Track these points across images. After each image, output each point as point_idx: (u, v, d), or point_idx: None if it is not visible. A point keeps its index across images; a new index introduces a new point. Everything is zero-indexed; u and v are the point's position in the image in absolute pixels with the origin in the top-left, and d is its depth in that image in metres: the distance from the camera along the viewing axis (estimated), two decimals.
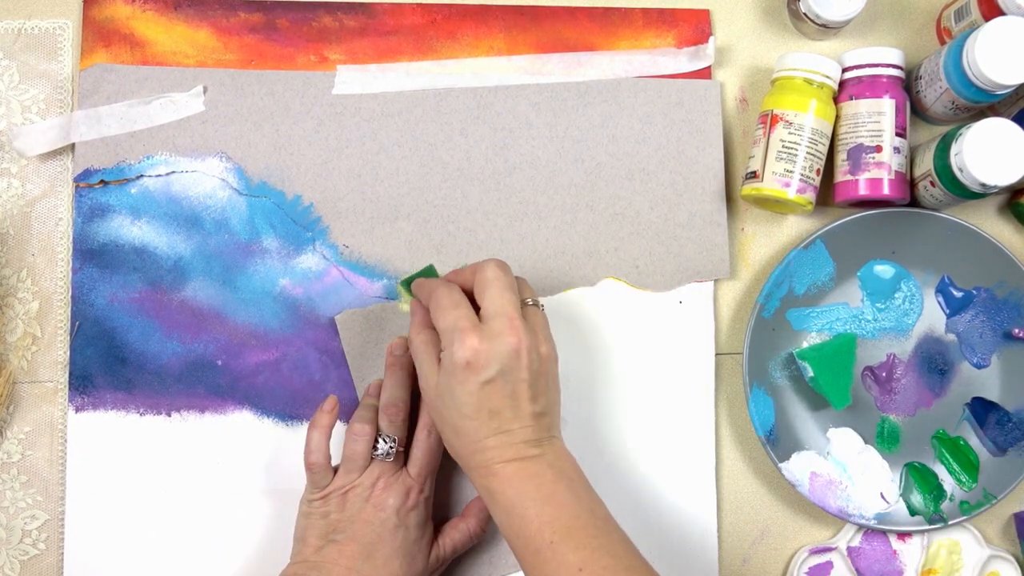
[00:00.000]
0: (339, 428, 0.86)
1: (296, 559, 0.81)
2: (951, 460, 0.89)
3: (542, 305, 0.78)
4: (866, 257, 0.91)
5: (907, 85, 0.91)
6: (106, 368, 0.87)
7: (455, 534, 0.84)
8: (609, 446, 0.89)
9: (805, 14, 0.90)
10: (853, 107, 0.88)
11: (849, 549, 0.89)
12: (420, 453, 0.83)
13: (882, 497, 0.89)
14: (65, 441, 0.87)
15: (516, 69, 0.92)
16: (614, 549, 0.72)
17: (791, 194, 0.87)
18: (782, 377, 0.90)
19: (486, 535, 0.87)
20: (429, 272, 0.88)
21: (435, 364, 0.75)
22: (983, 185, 0.82)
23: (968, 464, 0.89)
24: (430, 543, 0.83)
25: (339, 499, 0.82)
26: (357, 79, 0.91)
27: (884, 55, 0.88)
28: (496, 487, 0.73)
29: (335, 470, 0.83)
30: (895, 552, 0.90)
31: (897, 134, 0.87)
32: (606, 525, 0.73)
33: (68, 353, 0.87)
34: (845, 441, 0.89)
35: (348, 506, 0.81)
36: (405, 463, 0.83)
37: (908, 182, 0.89)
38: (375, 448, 0.82)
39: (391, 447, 0.82)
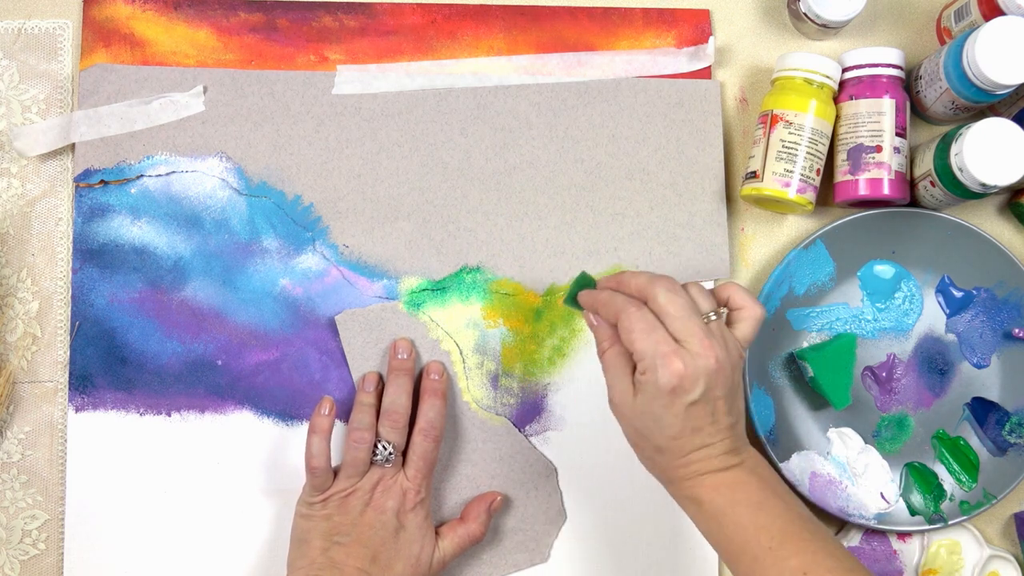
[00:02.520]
0: (338, 427, 0.86)
1: (302, 562, 0.81)
2: (951, 460, 0.89)
3: (722, 311, 0.76)
4: (866, 257, 0.91)
5: (907, 85, 0.91)
6: (106, 368, 0.87)
7: (456, 537, 0.84)
8: (610, 445, 0.89)
9: (805, 14, 0.90)
10: (853, 107, 0.88)
11: (849, 549, 0.89)
12: (416, 456, 0.83)
13: (882, 497, 0.89)
14: (65, 441, 0.87)
15: (516, 69, 0.92)
16: (832, 552, 0.72)
17: (791, 194, 0.87)
18: (782, 377, 0.90)
19: (486, 537, 0.87)
20: (586, 281, 0.81)
21: (630, 381, 0.74)
22: (983, 185, 0.82)
23: (968, 464, 0.89)
24: (432, 544, 0.83)
25: (340, 502, 0.82)
26: (357, 79, 0.91)
27: (884, 55, 0.88)
28: (705, 496, 0.73)
29: (335, 472, 0.83)
30: (895, 552, 0.90)
31: (897, 134, 0.87)
32: (818, 529, 0.73)
33: (68, 353, 0.87)
34: (845, 441, 0.89)
35: (349, 509, 0.81)
36: (403, 464, 0.84)
37: (908, 182, 0.89)
38: (374, 453, 0.82)
39: (391, 453, 0.82)
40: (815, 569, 0.70)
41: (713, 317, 0.74)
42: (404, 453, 0.84)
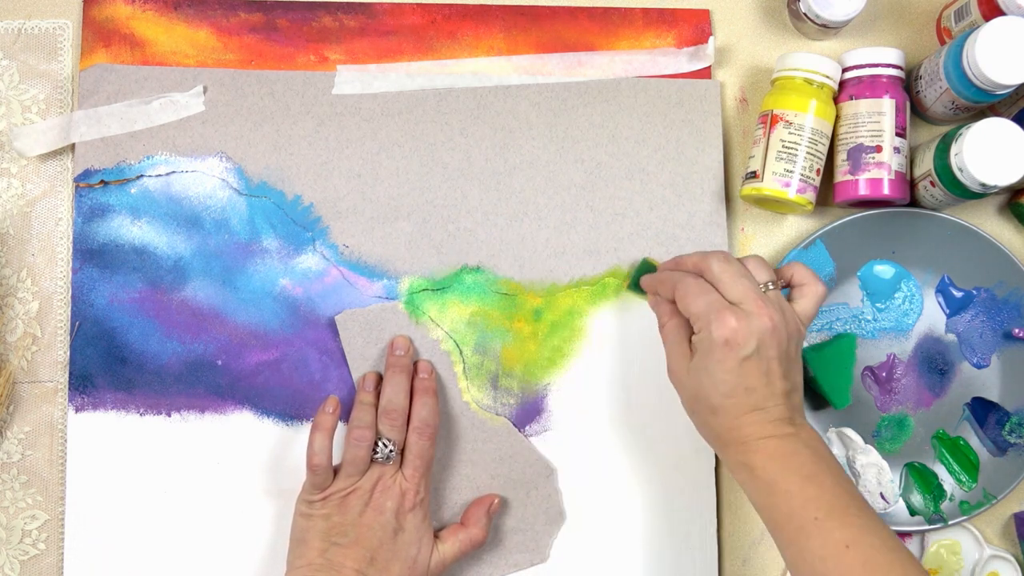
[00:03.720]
0: (339, 428, 0.86)
1: (300, 562, 0.81)
2: (951, 460, 0.89)
3: (780, 283, 0.79)
4: (866, 257, 0.91)
5: (907, 85, 0.91)
6: (106, 368, 0.87)
7: (456, 542, 0.84)
8: (610, 445, 0.89)
9: (805, 14, 0.90)
10: (853, 107, 0.88)
11: None
12: (413, 455, 0.83)
13: (882, 497, 0.89)
14: (65, 441, 0.87)
15: (516, 69, 0.92)
16: (878, 530, 0.72)
17: (791, 194, 0.87)
18: None
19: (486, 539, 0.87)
20: (648, 266, 0.88)
21: (687, 349, 0.77)
22: (983, 185, 0.82)
23: (968, 464, 0.89)
24: (429, 546, 0.83)
25: (339, 501, 0.82)
26: (357, 79, 0.91)
27: (884, 55, 0.88)
28: (757, 463, 0.74)
29: (335, 471, 0.83)
30: None
31: (897, 134, 0.87)
32: (866, 506, 0.74)
33: (68, 353, 0.87)
34: (845, 441, 0.89)
35: (348, 509, 0.81)
36: (400, 465, 0.84)
37: (908, 182, 0.89)
38: (375, 451, 0.82)
39: (391, 451, 0.82)
40: (859, 544, 0.71)
41: (771, 287, 0.77)
42: (401, 453, 0.84)
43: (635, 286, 0.89)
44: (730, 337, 0.74)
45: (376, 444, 0.82)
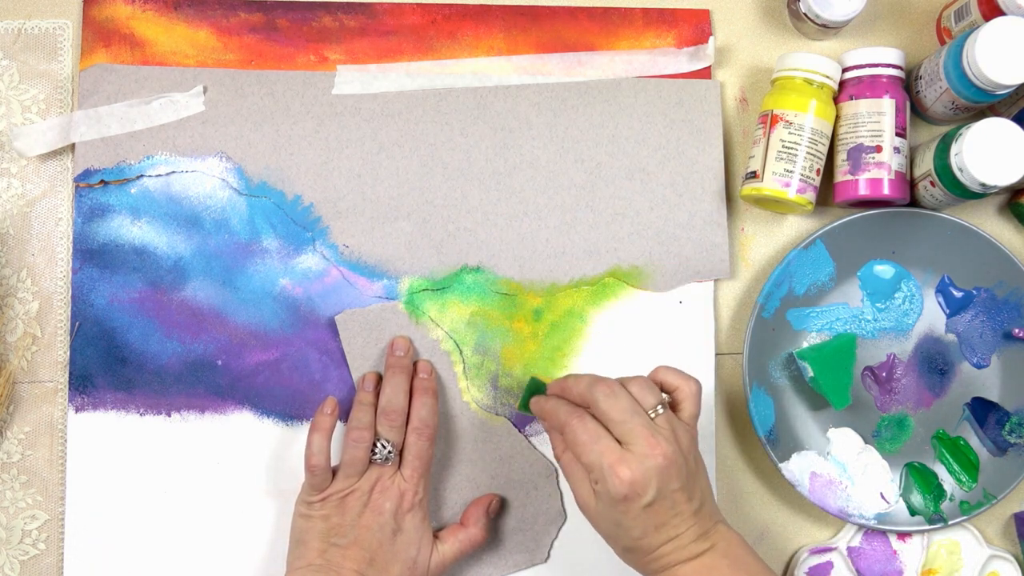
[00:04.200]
0: (338, 428, 0.86)
1: (300, 563, 0.81)
2: (951, 460, 0.89)
3: (667, 400, 0.76)
4: (866, 257, 0.91)
5: (907, 85, 0.91)
6: (106, 368, 0.87)
7: (456, 542, 0.84)
8: None
9: (805, 14, 0.90)
10: (853, 107, 0.88)
11: (849, 549, 0.90)
12: (412, 456, 0.83)
13: (882, 497, 0.89)
14: (65, 441, 0.87)
15: (516, 69, 0.92)
16: None
17: (791, 194, 0.87)
18: (782, 377, 0.90)
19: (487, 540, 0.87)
20: (536, 384, 0.84)
21: (589, 487, 0.75)
22: (983, 185, 0.82)
23: (968, 464, 0.89)
24: (429, 546, 0.83)
25: (338, 502, 0.82)
26: (357, 79, 0.91)
27: (884, 55, 0.88)
28: None
29: (334, 472, 0.83)
30: (895, 552, 0.90)
31: (897, 134, 0.87)
32: None
33: (68, 353, 0.87)
34: (845, 441, 0.89)
35: (347, 511, 0.81)
36: (399, 465, 0.84)
37: (908, 182, 0.89)
38: (373, 452, 0.82)
39: (390, 452, 0.82)
40: None
41: (660, 410, 0.75)
42: (400, 453, 0.84)
43: (525, 407, 0.84)
44: (628, 492, 0.72)
45: (375, 445, 0.82)
